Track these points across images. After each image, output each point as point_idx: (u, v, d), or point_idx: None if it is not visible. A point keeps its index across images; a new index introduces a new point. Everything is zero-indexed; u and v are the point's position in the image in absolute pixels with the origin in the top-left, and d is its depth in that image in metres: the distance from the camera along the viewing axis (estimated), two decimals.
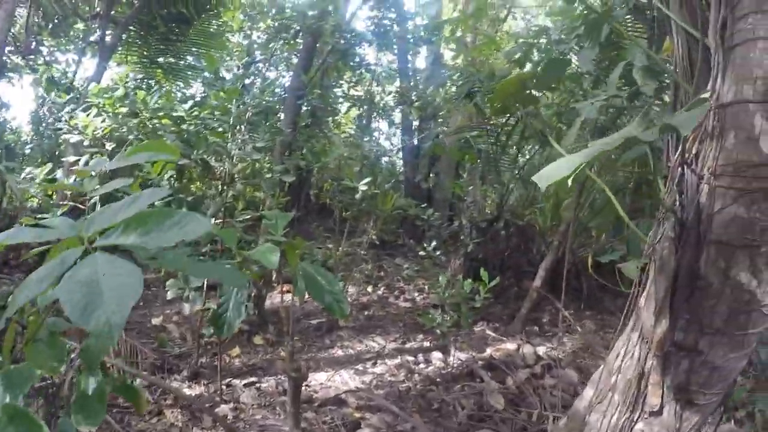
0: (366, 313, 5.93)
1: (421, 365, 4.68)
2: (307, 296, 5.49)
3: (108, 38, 8.93)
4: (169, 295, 2.78)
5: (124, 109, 3.34)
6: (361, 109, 7.62)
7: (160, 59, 10.14)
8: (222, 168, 3.17)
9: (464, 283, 4.25)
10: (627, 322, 2.28)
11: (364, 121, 7.58)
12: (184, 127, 4.00)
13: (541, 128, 5.47)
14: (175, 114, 4.06)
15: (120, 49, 9.68)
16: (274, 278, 4.30)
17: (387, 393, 4.04)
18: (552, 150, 5.87)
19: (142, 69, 10.20)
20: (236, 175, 3.36)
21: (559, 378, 4.22)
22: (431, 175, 8.96)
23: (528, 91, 3.43)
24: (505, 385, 4.18)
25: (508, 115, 5.60)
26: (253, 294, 4.11)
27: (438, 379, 4.38)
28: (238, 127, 3.78)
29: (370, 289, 6.76)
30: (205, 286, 3.69)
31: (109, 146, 4.13)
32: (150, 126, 3.29)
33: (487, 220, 7.05)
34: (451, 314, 4.76)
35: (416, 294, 6.91)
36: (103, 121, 4.18)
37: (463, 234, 6.65)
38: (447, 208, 9.01)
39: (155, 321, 4.80)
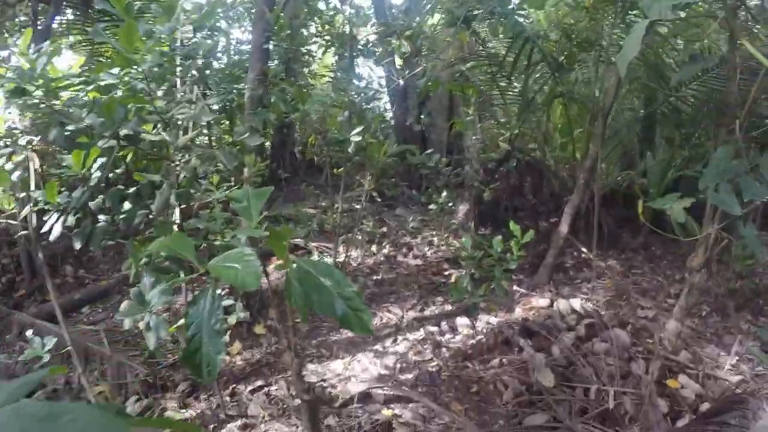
0: (375, 278, 5.32)
1: (447, 335, 4.11)
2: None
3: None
4: (126, 325, 2.11)
5: (38, 93, 2.46)
6: (340, 50, 6.76)
7: (107, 33, 8.89)
8: (164, 141, 2.39)
9: (494, 242, 3.61)
10: None
11: (345, 62, 6.75)
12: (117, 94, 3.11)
13: (551, 52, 4.75)
14: (103, 83, 3.14)
15: (59, 30, 8.47)
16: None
17: (416, 377, 3.48)
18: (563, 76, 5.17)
19: (88, 46, 9.06)
20: (186, 148, 2.59)
21: (610, 341, 3.67)
22: (422, 116, 8.23)
23: None
24: (551, 354, 3.62)
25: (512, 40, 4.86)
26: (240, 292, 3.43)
27: (470, 352, 3.82)
28: (186, 86, 2.97)
29: (374, 248, 6.13)
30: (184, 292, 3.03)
31: (23, 140, 3.15)
32: (46, 105, 2.39)
33: (495, 160, 6.39)
34: (477, 278, 4.15)
35: (426, 248, 6.31)
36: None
37: (470, 177, 5.99)
38: (444, 149, 8.33)
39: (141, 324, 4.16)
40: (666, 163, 6.40)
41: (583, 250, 6.20)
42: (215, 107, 2.69)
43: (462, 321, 4.29)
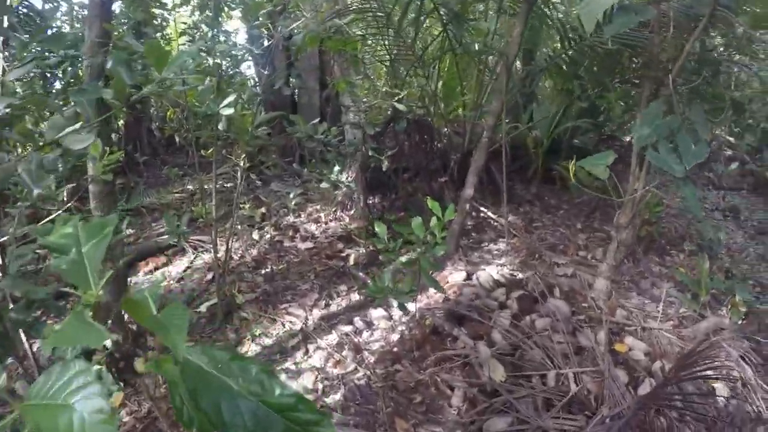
0: (263, 271, 4.59)
1: (365, 334, 3.53)
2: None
3: None
4: None
5: None
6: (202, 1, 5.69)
7: None
8: None
9: (414, 226, 3.00)
10: None
11: (209, 17, 5.68)
12: None
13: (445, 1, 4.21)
14: None
15: None
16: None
17: (344, 397, 2.87)
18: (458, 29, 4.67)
19: None
20: None
21: (550, 314, 3.30)
22: (291, 78, 7.44)
23: None
24: (492, 342, 3.17)
25: None
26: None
27: (397, 349, 3.28)
28: None
29: (255, 235, 5.36)
30: None
31: None
32: None
33: (382, 122, 5.82)
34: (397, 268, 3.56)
35: (313, 227, 5.64)
36: None
37: (358, 143, 5.36)
38: (316, 114, 7.64)
39: None
40: (553, 115, 6.24)
41: (482, 209, 5.90)
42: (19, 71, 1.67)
43: (377, 313, 3.73)
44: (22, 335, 2.14)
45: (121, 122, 6.82)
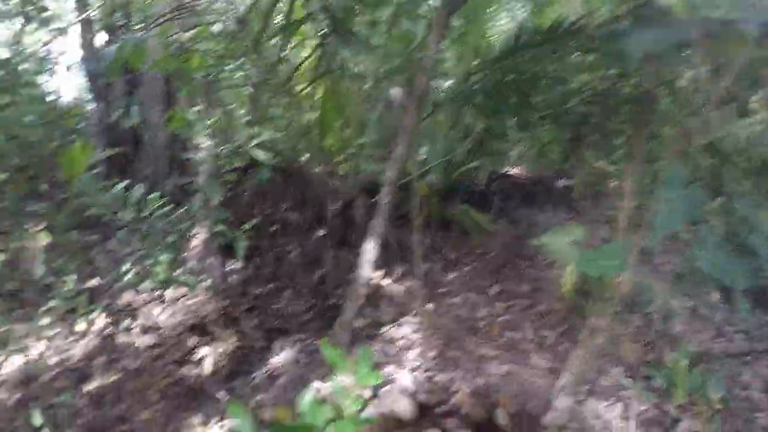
0: (89, 387, 3.06)
1: None
2: None
3: None
4: None
5: None
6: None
7: None
8: None
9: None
10: None
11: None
12: None
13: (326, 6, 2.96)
14: None
15: None
16: None
17: None
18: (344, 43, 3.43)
19: None
20: None
21: None
22: (129, 107, 5.80)
23: None
24: None
25: None
26: None
27: None
28: None
29: (83, 325, 3.71)
30: None
31: None
32: None
33: (237, 169, 4.42)
34: None
35: (157, 311, 4.11)
36: None
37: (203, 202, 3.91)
38: (164, 153, 6.01)
39: None
40: (448, 157, 5.20)
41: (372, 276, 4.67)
42: None
43: None
44: None
45: None
